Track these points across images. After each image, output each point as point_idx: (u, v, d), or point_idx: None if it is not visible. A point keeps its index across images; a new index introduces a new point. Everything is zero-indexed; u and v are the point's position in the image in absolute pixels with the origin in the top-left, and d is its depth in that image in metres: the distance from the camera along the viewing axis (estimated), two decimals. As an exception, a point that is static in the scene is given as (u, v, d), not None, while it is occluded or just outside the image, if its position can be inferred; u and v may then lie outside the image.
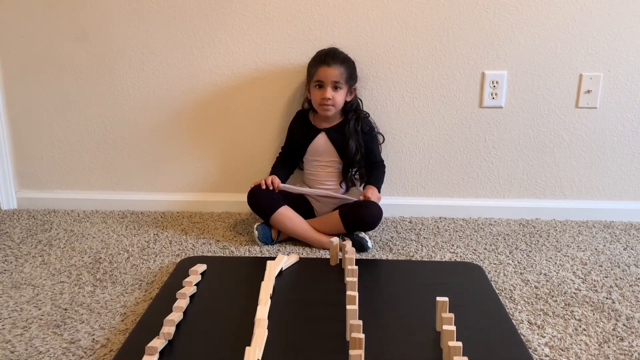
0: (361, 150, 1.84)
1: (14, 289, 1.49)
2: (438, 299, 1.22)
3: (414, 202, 2.05)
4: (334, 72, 1.77)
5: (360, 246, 1.72)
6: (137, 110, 2.03)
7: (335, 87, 1.78)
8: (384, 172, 1.90)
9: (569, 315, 1.36)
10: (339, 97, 1.80)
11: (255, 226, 1.78)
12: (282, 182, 1.83)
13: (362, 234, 1.74)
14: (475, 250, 1.76)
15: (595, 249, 1.77)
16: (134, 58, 1.98)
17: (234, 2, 1.91)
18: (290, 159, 1.95)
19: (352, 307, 1.19)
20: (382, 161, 1.92)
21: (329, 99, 1.77)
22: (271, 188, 1.78)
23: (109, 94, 2.02)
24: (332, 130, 1.86)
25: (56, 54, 1.99)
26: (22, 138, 2.09)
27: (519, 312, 1.38)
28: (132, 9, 1.93)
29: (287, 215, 1.77)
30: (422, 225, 1.96)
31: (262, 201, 1.77)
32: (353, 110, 1.86)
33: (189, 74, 1.98)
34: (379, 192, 1.83)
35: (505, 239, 1.84)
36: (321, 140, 1.86)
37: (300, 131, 1.90)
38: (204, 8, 1.92)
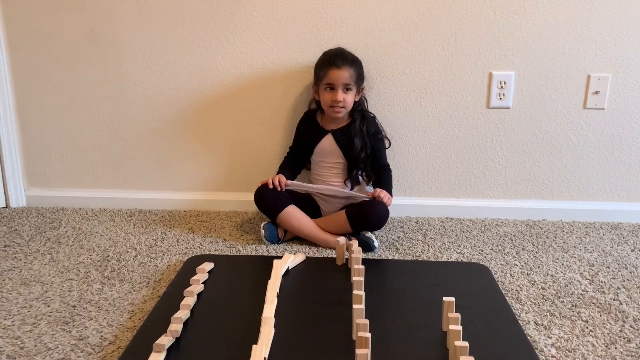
0: (366, 150, 1.83)
1: (23, 285, 1.51)
2: (444, 299, 1.22)
3: (420, 202, 2.05)
4: (345, 75, 1.76)
5: (367, 246, 1.72)
6: (145, 109, 2.04)
7: (347, 89, 1.78)
8: (391, 177, 1.90)
9: (575, 317, 1.36)
10: (350, 99, 1.79)
11: (262, 225, 1.79)
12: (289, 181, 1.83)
13: (369, 234, 1.74)
14: (481, 250, 1.75)
15: (603, 251, 1.76)
16: (142, 57, 1.99)
17: (242, 2, 1.92)
18: (297, 159, 1.95)
19: (359, 307, 1.20)
20: (388, 166, 1.91)
21: (341, 101, 1.77)
22: (278, 188, 1.78)
23: (117, 93, 2.03)
24: (339, 132, 1.86)
25: (65, 52, 2.00)
26: (31, 136, 2.11)
27: (526, 313, 1.38)
28: (140, 9, 1.94)
29: (293, 214, 1.77)
30: (429, 225, 1.96)
31: (269, 200, 1.77)
32: (358, 110, 1.86)
33: (196, 73, 1.99)
34: (391, 195, 1.82)
35: (512, 240, 1.84)
36: (328, 142, 1.86)
37: (307, 132, 1.90)
38: (212, 8, 1.93)
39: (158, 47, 1.98)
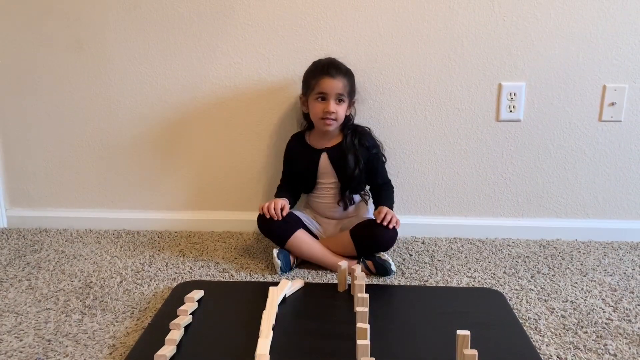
0: (359, 165, 1.70)
1: (-5, 316, 1.38)
2: (459, 332, 1.10)
3: (426, 221, 1.93)
4: (339, 85, 1.65)
5: (383, 270, 1.60)
6: (134, 123, 1.93)
7: (339, 100, 1.67)
8: (392, 192, 1.77)
9: (602, 350, 1.23)
10: (342, 111, 1.68)
11: (275, 254, 1.62)
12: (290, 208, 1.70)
13: (385, 257, 1.61)
14: (494, 274, 1.63)
15: (624, 273, 1.64)
16: (131, 69, 1.88)
17: (237, 11, 1.82)
18: (293, 188, 1.79)
19: (364, 342, 1.07)
20: (390, 182, 1.79)
21: (333, 112, 1.65)
22: (275, 218, 1.61)
23: (104, 107, 1.92)
24: (332, 150, 1.73)
25: (50, 64, 1.90)
26: (13, 153, 1.99)
27: (547, 345, 1.25)
28: (129, 18, 1.84)
29: (303, 239, 1.65)
30: (436, 246, 1.84)
31: (275, 227, 1.63)
32: (349, 125, 1.74)
33: (188, 86, 1.89)
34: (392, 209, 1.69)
35: (525, 262, 1.72)
36: (323, 162, 1.73)
37: (300, 157, 1.76)
38: (205, 17, 1.83)
39: (148, 59, 1.87)
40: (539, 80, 1.82)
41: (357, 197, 1.77)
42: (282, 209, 1.62)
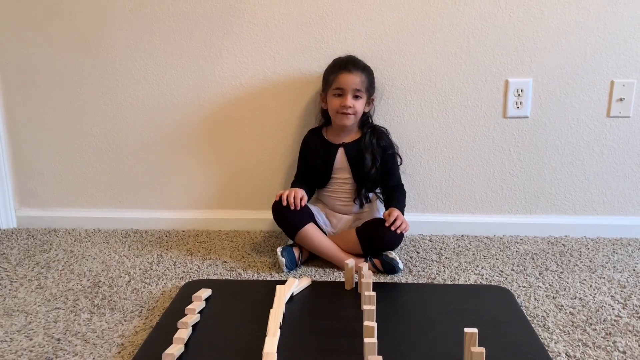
0: (376, 165, 1.71)
1: (5, 316, 1.39)
2: (466, 330, 1.10)
3: (433, 218, 1.93)
4: (356, 80, 1.66)
5: (390, 268, 1.60)
6: (141, 123, 1.94)
7: (356, 96, 1.67)
8: (404, 195, 1.76)
9: (611, 347, 1.23)
10: (359, 106, 1.68)
11: (279, 252, 1.63)
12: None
13: (392, 255, 1.61)
14: (502, 271, 1.63)
15: (634, 270, 1.63)
16: (138, 69, 1.89)
17: (242, 9, 1.82)
18: (307, 183, 1.79)
19: (371, 341, 1.07)
20: (402, 185, 1.78)
21: (350, 106, 1.66)
22: (292, 207, 1.62)
23: (112, 107, 1.93)
24: (349, 146, 1.74)
25: (57, 65, 1.91)
26: (22, 153, 2.01)
27: (555, 343, 1.25)
28: (135, 18, 1.85)
29: (314, 233, 1.65)
30: (443, 243, 1.83)
31: (290, 216, 1.63)
32: (369, 124, 1.75)
33: (194, 85, 1.89)
34: (403, 213, 1.67)
35: (533, 259, 1.71)
36: (339, 157, 1.74)
37: (317, 151, 1.77)
38: (211, 16, 1.83)
39: (154, 58, 1.88)
40: (546, 76, 1.81)
41: (371, 195, 1.78)
42: (300, 199, 1.64)
